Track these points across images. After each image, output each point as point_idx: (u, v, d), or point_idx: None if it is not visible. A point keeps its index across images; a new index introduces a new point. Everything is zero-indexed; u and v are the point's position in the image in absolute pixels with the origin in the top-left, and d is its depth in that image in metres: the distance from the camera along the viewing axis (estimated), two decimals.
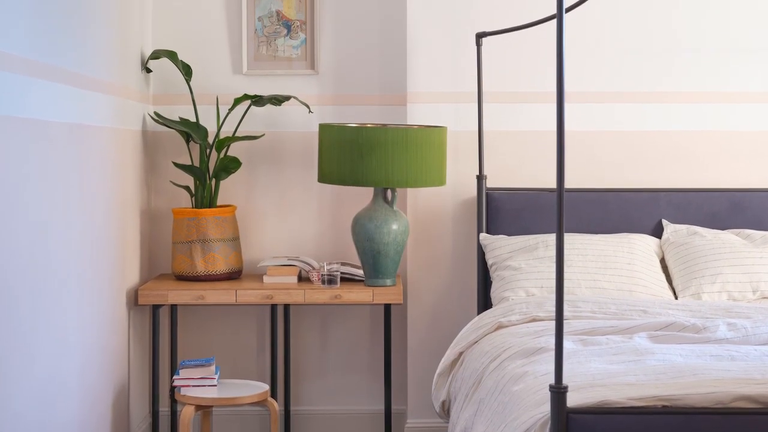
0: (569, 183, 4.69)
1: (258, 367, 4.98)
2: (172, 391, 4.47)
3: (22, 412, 3.17)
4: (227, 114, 4.74)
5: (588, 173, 4.81)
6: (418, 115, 4.79)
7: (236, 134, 4.76)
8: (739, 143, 4.81)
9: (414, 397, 4.82)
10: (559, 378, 2.67)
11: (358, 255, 4.65)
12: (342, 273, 4.67)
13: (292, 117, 4.93)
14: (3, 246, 3.00)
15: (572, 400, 2.74)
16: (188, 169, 4.67)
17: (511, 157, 4.81)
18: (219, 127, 4.72)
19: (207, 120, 4.81)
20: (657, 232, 4.68)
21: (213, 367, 4.31)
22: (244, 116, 4.76)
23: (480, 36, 4.67)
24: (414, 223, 4.80)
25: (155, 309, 4.58)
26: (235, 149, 4.87)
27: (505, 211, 4.69)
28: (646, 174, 4.81)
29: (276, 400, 4.73)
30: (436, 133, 4.50)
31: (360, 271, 4.68)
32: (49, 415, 3.44)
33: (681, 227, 4.62)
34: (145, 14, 4.81)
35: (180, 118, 4.77)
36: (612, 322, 3.78)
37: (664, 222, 4.67)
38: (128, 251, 4.51)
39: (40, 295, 3.32)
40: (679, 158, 4.82)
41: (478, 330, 3.96)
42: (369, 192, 4.70)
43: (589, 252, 4.44)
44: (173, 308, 4.82)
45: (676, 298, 4.37)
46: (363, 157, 4.40)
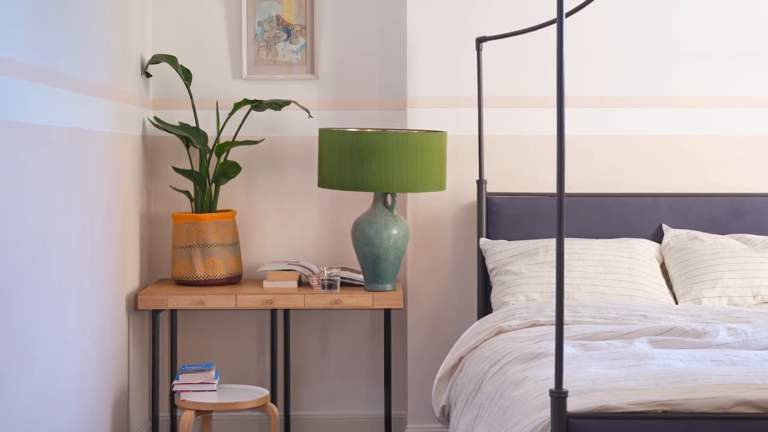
0: (569, 188, 4.68)
1: (258, 372, 4.98)
2: (172, 396, 4.46)
3: (22, 416, 3.16)
4: (227, 119, 4.74)
5: (588, 178, 4.80)
6: (418, 119, 4.79)
7: (236, 139, 4.76)
8: (740, 148, 4.81)
9: (414, 402, 4.81)
10: (559, 383, 2.66)
11: (358, 260, 4.65)
12: (342, 278, 4.67)
13: (292, 122, 4.93)
14: (3, 250, 2.99)
15: (572, 405, 2.74)
16: (188, 173, 4.66)
17: (512, 162, 4.81)
18: (219, 131, 4.72)
19: (207, 125, 4.81)
20: (657, 236, 4.67)
21: (213, 372, 4.30)
22: (244, 121, 4.76)
23: (480, 40, 4.67)
24: (414, 228, 4.80)
25: (155, 314, 4.58)
26: (234, 154, 4.87)
27: (505, 215, 4.69)
28: (646, 179, 4.81)
29: (276, 405, 4.72)
30: (436, 138, 4.49)
31: (360, 276, 4.67)
32: (49, 419, 3.44)
33: (681, 232, 4.61)
34: (145, 19, 4.81)
35: (180, 123, 4.77)
36: (612, 327, 3.78)
37: (665, 227, 4.67)
38: (128, 256, 4.51)
39: (40, 300, 3.32)
40: (680, 163, 4.81)
41: (478, 335, 3.96)
42: (369, 197, 4.70)
43: (590, 257, 4.44)
44: (173, 313, 4.82)
45: (677, 302, 4.36)
46: (363, 162, 4.40)
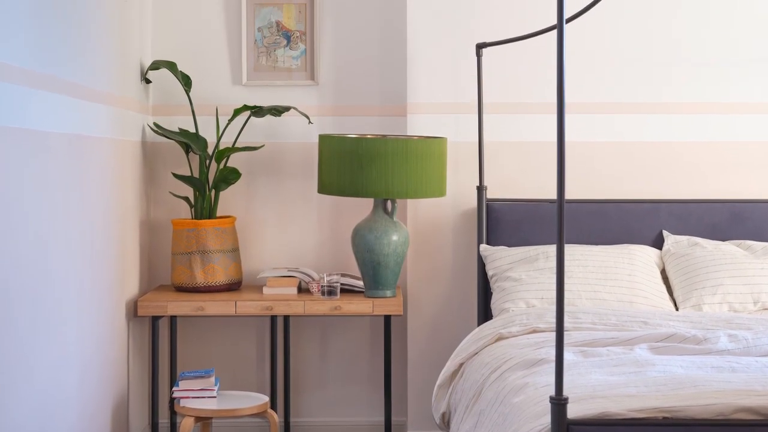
0: (570, 194, 4.68)
1: (258, 378, 4.97)
2: (172, 402, 4.45)
3: (21, 423, 3.15)
4: (227, 125, 4.74)
5: (588, 184, 4.80)
6: (418, 125, 4.79)
7: (236, 145, 4.76)
8: (740, 154, 4.81)
9: (414, 409, 4.81)
10: (559, 389, 2.66)
11: (358, 266, 4.64)
12: (342, 284, 4.66)
13: (292, 128, 4.93)
14: (3, 257, 2.99)
15: (573, 411, 2.73)
16: (188, 180, 4.66)
17: (512, 168, 4.80)
18: (218, 137, 4.72)
19: (206, 131, 4.81)
20: (657, 243, 4.67)
21: (212, 379, 4.30)
22: (243, 127, 4.76)
23: (480, 46, 4.67)
24: (414, 234, 4.79)
25: (155, 320, 4.57)
26: (234, 160, 4.86)
27: (505, 222, 4.69)
28: (646, 185, 4.80)
29: (276, 412, 4.72)
30: (436, 144, 4.49)
31: (360, 282, 4.67)
32: (49, 426, 3.43)
33: (682, 238, 4.61)
34: (144, 25, 4.81)
35: (179, 129, 4.77)
36: (612, 333, 3.77)
37: (665, 233, 4.66)
38: (128, 262, 4.51)
39: (39, 306, 3.31)
40: (680, 169, 4.81)
41: (478, 341, 3.95)
42: (369, 203, 4.69)
43: (590, 263, 4.43)
44: (173, 319, 4.81)
45: (677, 309, 4.36)
46: (363, 168, 4.40)
